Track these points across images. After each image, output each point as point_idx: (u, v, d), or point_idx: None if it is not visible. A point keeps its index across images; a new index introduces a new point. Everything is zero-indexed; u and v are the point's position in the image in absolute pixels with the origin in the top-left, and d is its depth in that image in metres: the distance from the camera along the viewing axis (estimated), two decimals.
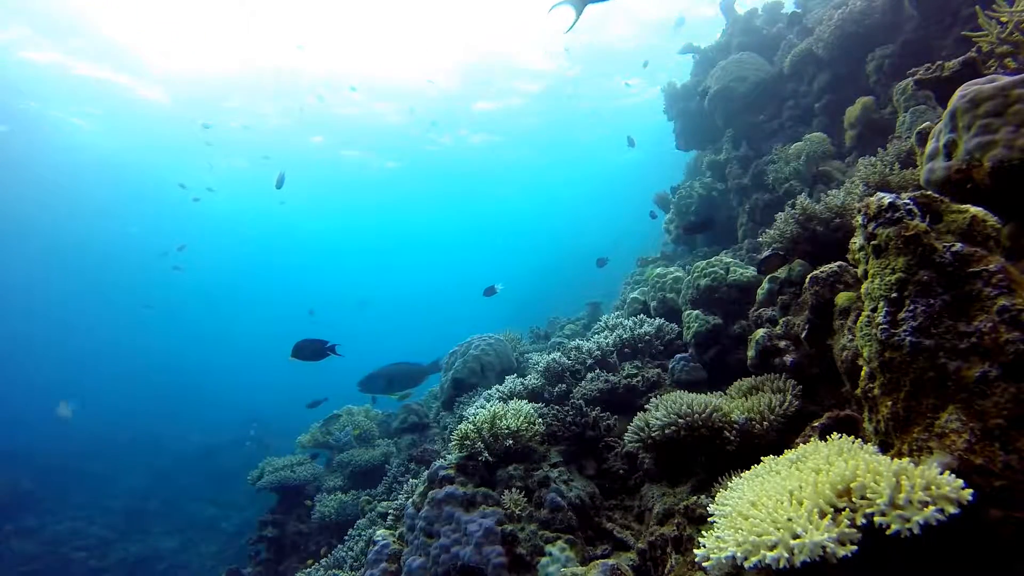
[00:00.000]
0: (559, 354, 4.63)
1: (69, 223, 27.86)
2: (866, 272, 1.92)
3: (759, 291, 3.57)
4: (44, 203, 24.93)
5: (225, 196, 26.35)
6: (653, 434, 3.01)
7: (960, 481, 1.42)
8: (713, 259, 4.31)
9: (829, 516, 1.50)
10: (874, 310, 1.82)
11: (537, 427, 3.68)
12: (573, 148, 26.61)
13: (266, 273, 42.68)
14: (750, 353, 3.27)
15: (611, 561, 2.73)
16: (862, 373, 1.93)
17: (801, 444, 2.18)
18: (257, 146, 22.24)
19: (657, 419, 2.99)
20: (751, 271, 4.08)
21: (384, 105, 20.30)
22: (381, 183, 28.92)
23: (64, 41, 14.58)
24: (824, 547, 1.41)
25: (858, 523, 1.45)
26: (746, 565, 1.53)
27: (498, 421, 3.54)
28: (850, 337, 2.30)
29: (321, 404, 8.57)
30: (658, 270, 5.29)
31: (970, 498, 1.37)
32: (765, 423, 2.71)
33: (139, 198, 27.48)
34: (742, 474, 2.09)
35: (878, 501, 1.44)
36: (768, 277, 3.55)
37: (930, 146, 2.27)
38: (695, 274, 4.26)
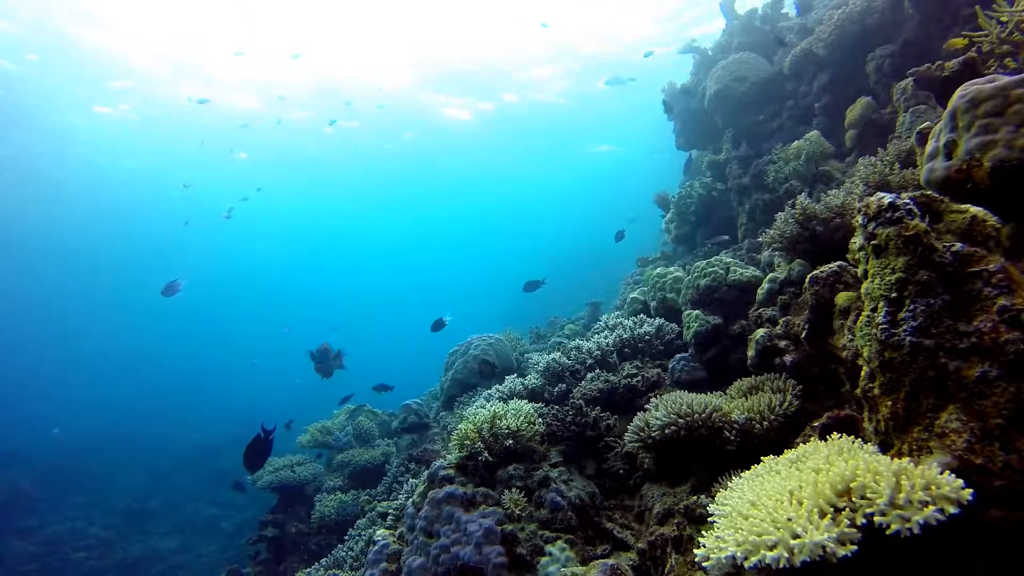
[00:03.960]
0: (559, 354, 4.63)
1: (69, 225, 27.87)
2: (866, 272, 1.92)
3: (759, 291, 3.57)
4: (44, 204, 24.93)
5: (224, 196, 26.33)
6: (653, 434, 3.01)
7: (960, 481, 1.42)
8: (713, 259, 4.31)
9: (829, 516, 1.50)
10: (874, 310, 1.83)
11: (537, 427, 3.68)
12: (575, 148, 26.63)
13: (266, 272, 42.70)
14: (750, 353, 3.27)
15: (611, 561, 2.73)
16: (862, 373, 1.93)
17: (801, 444, 2.18)
18: (257, 147, 22.25)
19: (657, 419, 2.99)
20: (751, 271, 4.08)
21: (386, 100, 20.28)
22: (382, 183, 28.95)
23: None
24: (824, 547, 1.41)
25: (858, 523, 1.45)
26: (746, 565, 1.53)
27: (498, 421, 3.54)
28: (850, 337, 2.30)
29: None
30: (658, 270, 5.29)
31: (970, 498, 1.38)
32: (765, 423, 2.71)
33: (142, 201, 27.49)
34: (742, 474, 2.09)
35: (878, 501, 1.44)
36: (768, 277, 3.55)
37: (930, 146, 2.27)
38: (695, 274, 4.26)
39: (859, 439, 1.87)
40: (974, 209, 1.87)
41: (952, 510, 1.36)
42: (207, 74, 16.85)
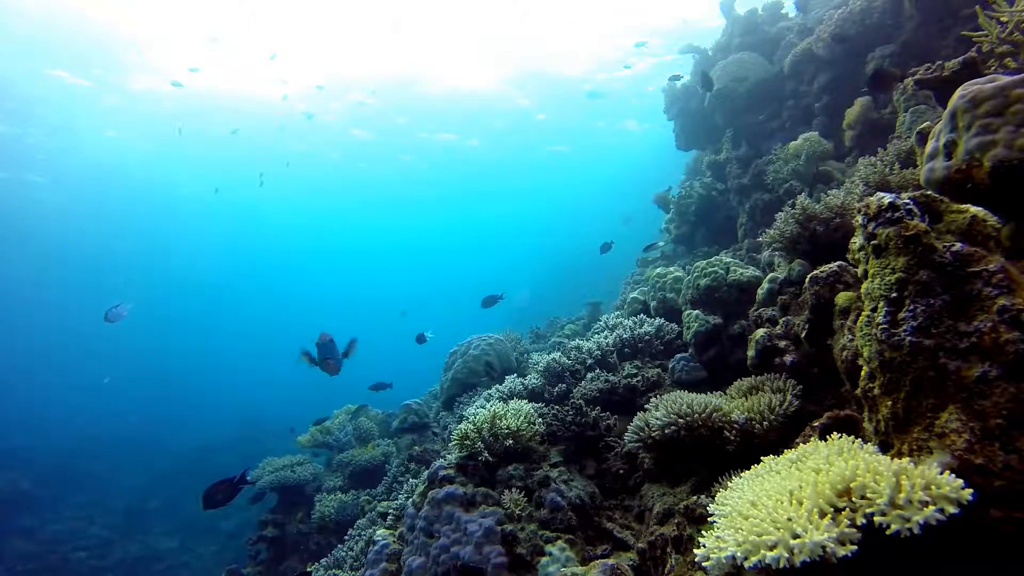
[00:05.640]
0: (559, 354, 4.63)
1: (66, 226, 27.87)
2: (866, 272, 1.92)
3: (759, 291, 3.57)
4: (42, 206, 24.93)
5: (225, 196, 26.36)
6: (653, 434, 3.01)
7: (960, 481, 1.41)
8: (713, 259, 4.31)
9: (829, 516, 1.50)
10: (874, 310, 1.82)
11: (537, 427, 3.68)
12: (574, 149, 26.64)
13: (265, 272, 42.71)
14: (750, 353, 3.27)
15: (611, 561, 2.73)
16: (862, 373, 1.93)
17: (801, 444, 2.18)
18: (257, 148, 22.25)
19: (657, 419, 2.99)
20: (751, 271, 4.08)
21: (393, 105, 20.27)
22: (383, 185, 28.95)
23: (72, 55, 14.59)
24: (824, 547, 1.41)
25: (858, 523, 1.45)
26: (746, 565, 1.53)
27: (498, 421, 3.54)
28: (850, 337, 2.30)
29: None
30: (658, 270, 5.30)
31: (970, 498, 1.37)
32: (765, 423, 2.71)
33: (138, 201, 27.49)
34: (742, 474, 2.09)
35: (878, 501, 1.44)
36: (768, 277, 3.55)
37: (930, 146, 2.27)
38: (695, 274, 4.26)
39: (859, 439, 1.87)
40: (974, 209, 1.87)
41: (952, 510, 1.36)
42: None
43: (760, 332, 3.22)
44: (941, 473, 1.45)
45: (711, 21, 12.15)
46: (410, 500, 3.61)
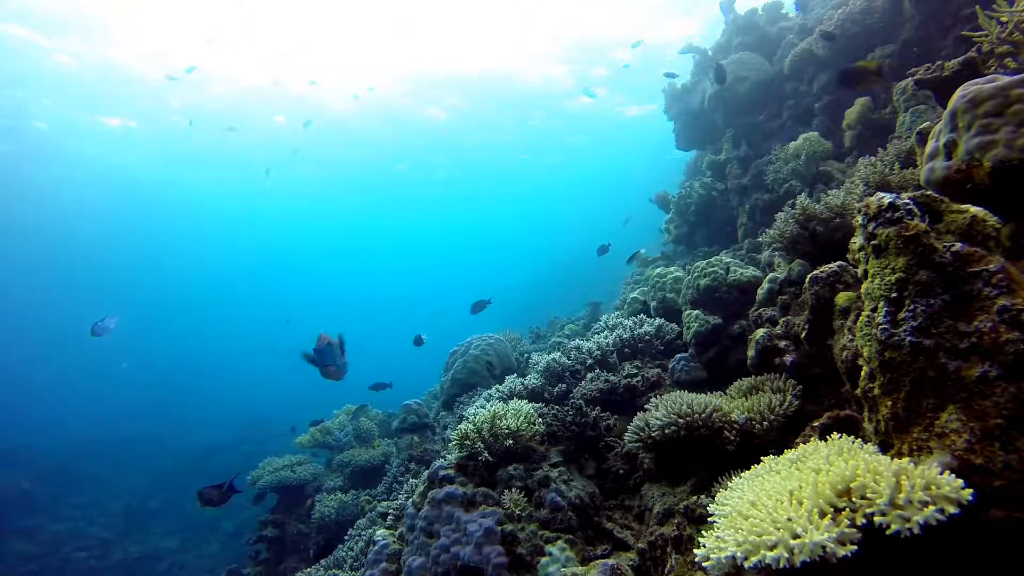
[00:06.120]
0: (559, 354, 4.63)
1: (67, 225, 27.87)
2: (866, 272, 1.92)
3: (759, 291, 3.57)
4: (42, 206, 24.93)
5: (226, 195, 26.39)
6: (653, 434, 3.01)
7: (960, 481, 1.41)
8: (713, 259, 4.31)
9: (829, 516, 1.50)
10: (874, 310, 1.82)
11: (537, 427, 3.67)
12: (573, 149, 26.63)
13: (266, 272, 42.70)
14: (750, 353, 3.26)
15: (611, 561, 2.73)
16: (862, 373, 1.93)
17: (801, 444, 2.18)
18: (257, 148, 22.25)
19: (657, 419, 2.99)
20: (751, 271, 4.08)
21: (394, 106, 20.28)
22: (385, 186, 28.95)
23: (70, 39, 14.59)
24: (824, 547, 1.41)
25: (858, 523, 1.45)
26: (746, 565, 1.53)
27: (498, 421, 3.54)
28: (850, 337, 2.30)
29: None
30: (658, 270, 5.29)
31: (970, 498, 1.37)
32: (765, 423, 2.71)
33: (138, 200, 27.47)
34: (742, 474, 2.09)
35: (878, 501, 1.44)
36: (768, 277, 3.55)
37: (930, 146, 2.27)
38: (695, 274, 4.26)
39: (859, 439, 1.87)
40: (974, 209, 1.87)
41: (952, 510, 1.36)
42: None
43: (760, 332, 3.22)
44: (941, 473, 1.45)
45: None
46: (410, 500, 3.61)
